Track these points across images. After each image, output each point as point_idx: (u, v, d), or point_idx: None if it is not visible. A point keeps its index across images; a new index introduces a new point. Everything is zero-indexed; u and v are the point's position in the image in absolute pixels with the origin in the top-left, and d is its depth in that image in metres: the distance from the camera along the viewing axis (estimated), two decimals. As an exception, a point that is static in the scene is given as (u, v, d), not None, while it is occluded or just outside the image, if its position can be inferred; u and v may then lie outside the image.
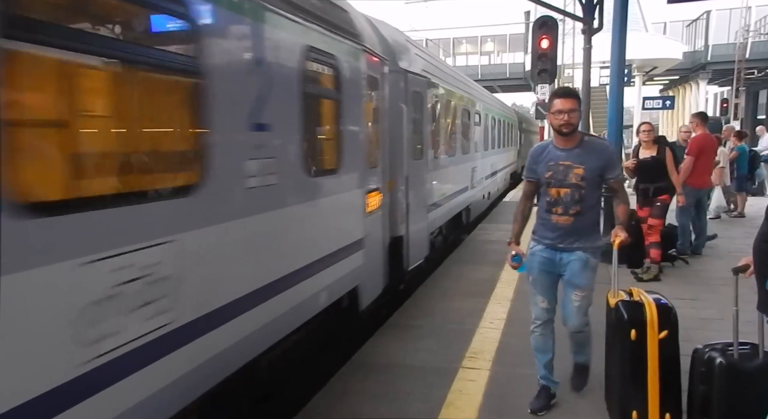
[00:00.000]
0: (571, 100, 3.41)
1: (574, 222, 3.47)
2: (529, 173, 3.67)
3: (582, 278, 3.51)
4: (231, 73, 2.97)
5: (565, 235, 3.50)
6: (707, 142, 8.03)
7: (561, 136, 3.46)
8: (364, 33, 5.12)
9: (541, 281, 3.62)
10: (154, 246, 2.39)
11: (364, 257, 4.93)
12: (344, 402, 3.82)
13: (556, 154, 3.51)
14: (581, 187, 3.43)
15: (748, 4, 31.45)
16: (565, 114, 3.38)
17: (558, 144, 3.53)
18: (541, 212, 3.62)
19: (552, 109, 3.45)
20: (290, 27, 3.58)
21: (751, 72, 30.80)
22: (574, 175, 3.43)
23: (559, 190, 3.48)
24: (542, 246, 3.59)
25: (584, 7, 8.96)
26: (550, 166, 3.49)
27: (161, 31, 2.72)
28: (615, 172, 3.55)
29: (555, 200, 3.49)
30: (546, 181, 3.51)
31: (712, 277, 6.76)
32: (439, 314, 5.60)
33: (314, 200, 3.99)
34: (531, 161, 3.65)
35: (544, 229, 3.59)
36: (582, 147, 3.48)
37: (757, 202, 13.19)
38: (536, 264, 3.61)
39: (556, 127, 3.44)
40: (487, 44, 41.83)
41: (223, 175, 2.88)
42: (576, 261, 3.50)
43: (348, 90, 4.54)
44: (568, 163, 3.45)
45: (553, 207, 3.51)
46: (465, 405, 3.73)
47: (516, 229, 3.73)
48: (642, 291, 3.43)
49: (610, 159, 3.53)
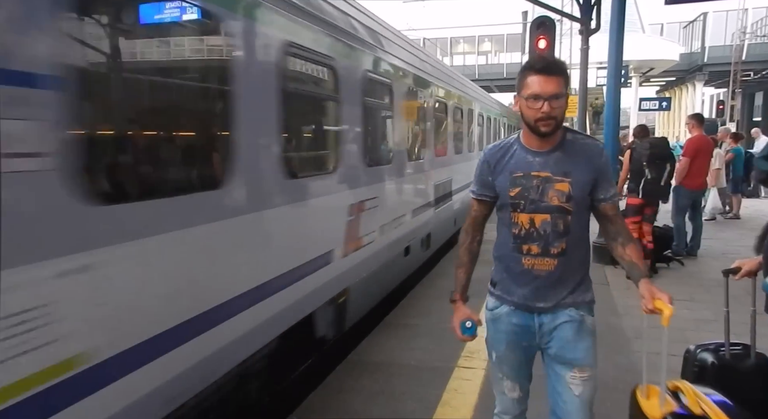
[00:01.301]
0: (555, 78, 2.10)
1: (558, 267, 2.24)
2: (481, 188, 2.37)
3: (579, 350, 2.28)
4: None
5: (545, 288, 2.26)
6: (703, 143, 8.06)
7: (536, 135, 2.20)
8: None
9: (509, 360, 2.39)
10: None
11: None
12: (339, 401, 3.83)
13: (526, 159, 2.24)
14: (567, 212, 2.21)
15: (745, 6, 31.56)
16: (545, 102, 2.09)
17: (529, 144, 2.25)
18: (503, 251, 2.34)
19: (524, 90, 2.14)
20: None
21: (747, 74, 30.90)
22: (555, 193, 2.20)
23: (533, 217, 2.22)
24: (509, 308, 2.33)
25: (582, 7, 8.99)
26: (518, 179, 2.23)
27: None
28: (609, 189, 2.28)
29: (527, 233, 2.24)
30: (512, 203, 2.24)
31: (707, 278, 6.78)
32: (435, 313, 5.61)
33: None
34: (484, 169, 2.34)
35: (509, 280, 2.33)
36: (564, 148, 2.23)
37: (752, 203, 13.26)
38: (501, 334, 2.37)
39: (531, 121, 2.15)
40: (484, 44, 41.90)
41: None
42: (566, 325, 2.28)
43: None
44: (546, 173, 2.20)
45: (523, 244, 2.25)
46: (460, 405, 3.74)
47: (461, 277, 2.45)
48: (694, 389, 2.48)
49: (604, 168, 2.28)
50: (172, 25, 2.84)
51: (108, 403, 2.24)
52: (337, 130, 4.61)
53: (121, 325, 2.31)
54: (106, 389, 2.23)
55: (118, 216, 2.28)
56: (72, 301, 2.08)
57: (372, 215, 5.15)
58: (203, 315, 2.78)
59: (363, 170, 5.00)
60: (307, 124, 4.55)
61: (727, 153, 11.89)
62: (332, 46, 4.33)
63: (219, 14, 2.93)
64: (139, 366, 2.38)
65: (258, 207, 3.32)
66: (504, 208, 2.30)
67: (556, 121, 2.14)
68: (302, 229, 3.90)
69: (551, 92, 2.09)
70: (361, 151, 4.97)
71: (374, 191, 5.25)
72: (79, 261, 2.10)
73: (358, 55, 4.92)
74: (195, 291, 2.75)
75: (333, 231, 4.41)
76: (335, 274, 4.38)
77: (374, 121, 5.81)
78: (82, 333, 2.13)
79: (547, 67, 2.13)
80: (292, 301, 3.70)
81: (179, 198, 2.66)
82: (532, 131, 2.20)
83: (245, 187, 3.19)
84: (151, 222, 2.44)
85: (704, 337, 3.46)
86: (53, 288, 2.01)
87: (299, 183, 3.92)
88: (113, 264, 2.25)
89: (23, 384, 1.89)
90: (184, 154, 3.00)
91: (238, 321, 3.08)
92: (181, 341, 2.61)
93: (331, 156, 4.57)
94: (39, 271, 1.96)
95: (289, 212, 3.70)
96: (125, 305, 2.34)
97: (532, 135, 2.22)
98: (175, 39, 2.97)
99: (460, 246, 2.48)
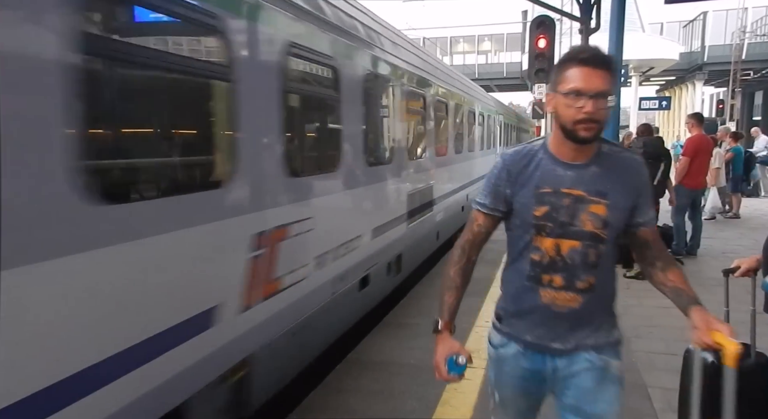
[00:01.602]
0: (602, 73, 1.74)
1: (583, 304, 1.88)
2: (493, 200, 1.95)
3: (601, 402, 1.94)
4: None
5: (565, 328, 1.91)
6: (703, 142, 8.07)
7: (573, 142, 1.81)
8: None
9: (516, 405, 2.08)
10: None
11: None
12: (339, 400, 3.83)
13: (555, 172, 1.86)
14: (600, 240, 1.85)
15: (745, 5, 31.57)
16: (589, 100, 1.71)
17: (560, 153, 1.86)
18: (517, 280, 1.97)
19: (563, 85, 1.76)
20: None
21: (747, 73, 30.92)
22: (589, 217, 1.83)
23: (559, 243, 1.86)
24: (518, 348, 1.98)
25: (581, 6, 8.99)
26: (545, 197, 1.85)
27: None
28: (648, 211, 1.94)
29: (551, 261, 1.88)
30: (536, 224, 1.87)
31: (707, 278, 6.78)
32: (435, 313, 5.60)
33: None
34: (502, 179, 1.93)
35: (521, 316, 1.97)
36: (600, 163, 1.86)
37: (751, 203, 13.27)
38: (507, 378, 2.03)
39: (569, 123, 1.76)
40: (484, 43, 41.90)
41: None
42: (587, 373, 1.92)
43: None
44: (579, 192, 1.83)
45: (544, 273, 1.89)
46: (460, 404, 3.74)
47: (450, 302, 2.04)
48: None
49: (645, 188, 1.94)
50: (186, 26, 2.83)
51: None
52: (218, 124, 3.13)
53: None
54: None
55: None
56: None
57: (301, 243, 3.73)
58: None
59: (282, 182, 3.52)
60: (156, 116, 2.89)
61: (727, 152, 11.90)
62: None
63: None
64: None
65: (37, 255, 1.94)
66: (522, 229, 1.91)
67: (599, 126, 1.75)
68: (147, 282, 2.44)
69: (597, 88, 1.72)
70: (278, 154, 3.45)
71: (305, 210, 3.80)
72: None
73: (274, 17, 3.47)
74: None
75: (218, 278, 2.94)
76: (223, 342, 2.96)
77: (304, 113, 4.34)
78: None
79: (594, 57, 1.74)
80: (126, 401, 2.32)
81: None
82: (567, 136, 1.80)
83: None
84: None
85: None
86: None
87: (124, 212, 2.34)
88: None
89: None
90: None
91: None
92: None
93: (217, 162, 3.10)
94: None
95: (111, 257, 2.23)
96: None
97: (567, 142, 1.82)
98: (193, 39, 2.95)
99: (452, 266, 2.04)
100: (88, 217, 2.14)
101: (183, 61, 2.95)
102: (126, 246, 2.30)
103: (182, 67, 2.90)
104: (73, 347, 2.08)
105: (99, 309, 2.19)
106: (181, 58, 2.96)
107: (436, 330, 2.04)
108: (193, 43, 3.05)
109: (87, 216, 2.13)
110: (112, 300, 2.24)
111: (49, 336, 2.00)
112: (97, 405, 2.17)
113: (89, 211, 2.14)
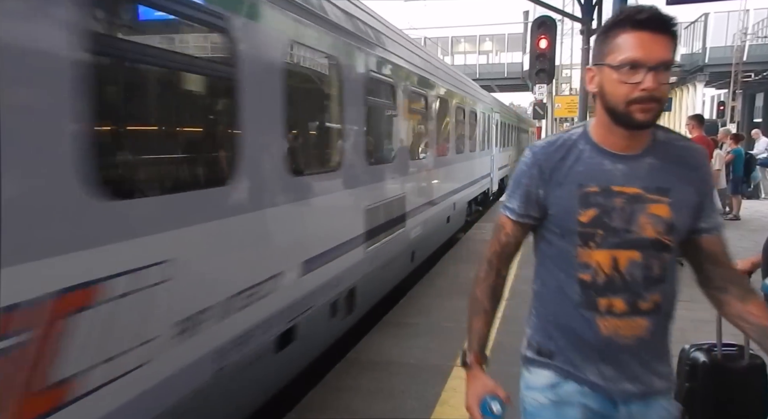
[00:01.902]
0: (664, 38, 1.40)
1: (650, 331, 1.51)
2: (524, 205, 1.59)
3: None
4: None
5: (638, 364, 1.54)
6: (703, 144, 8.02)
7: (625, 128, 1.47)
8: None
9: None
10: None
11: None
12: (339, 399, 3.84)
13: (603, 166, 1.51)
14: (665, 248, 1.50)
15: (747, 6, 31.59)
16: (649, 72, 1.37)
17: (606, 142, 1.52)
18: (562, 307, 1.57)
19: (612, 55, 1.42)
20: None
21: (748, 75, 30.91)
22: (650, 220, 1.48)
23: (616, 256, 1.49)
24: (579, 386, 1.56)
25: (583, 7, 9.00)
26: (592, 197, 1.50)
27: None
28: (713, 215, 1.57)
29: (608, 281, 1.50)
30: (581, 232, 1.51)
31: (706, 279, 6.79)
32: (434, 312, 5.62)
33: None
34: (533, 177, 1.56)
35: (575, 351, 1.56)
36: (657, 153, 1.52)
37: (752, 204, 13.27)
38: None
39: (621, 103, 1.42)
40: (485, 43, 41.89)
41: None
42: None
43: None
44: (635, 189, 1.49)
45: (601, 297, 1.50)
46: (459, 404, 3.75)
47: (479, 329, 1.69)
48: None
49: (709, 184, 1.60)
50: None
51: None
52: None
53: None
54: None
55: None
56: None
57: (140, 308, 2.36)
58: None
59: (86, 212, 2.12)
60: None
61: (728, 154, 11.90)
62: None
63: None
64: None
65: None
66: (562, 239, 1.53)
67: (659, 106, 1.41)
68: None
69: (659, 58, 1.36)
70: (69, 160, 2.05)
71: (152, 253, 2.42)
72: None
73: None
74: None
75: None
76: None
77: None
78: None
79: (655, 19, 1.38)
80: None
81: None
82: (618, 121, 1.45)
83: None
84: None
85: (704, 338, 3.47)
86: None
87: None
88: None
89: None
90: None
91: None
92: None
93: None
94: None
95: None
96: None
97: (616, 128, 1.47)
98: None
99: (478, 285, 1.68)
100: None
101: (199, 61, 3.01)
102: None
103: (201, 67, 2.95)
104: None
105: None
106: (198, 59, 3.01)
107: (465, 364, 1.72)
108: (207, 41, 3.07)
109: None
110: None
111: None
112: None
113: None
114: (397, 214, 5.91)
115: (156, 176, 2.80)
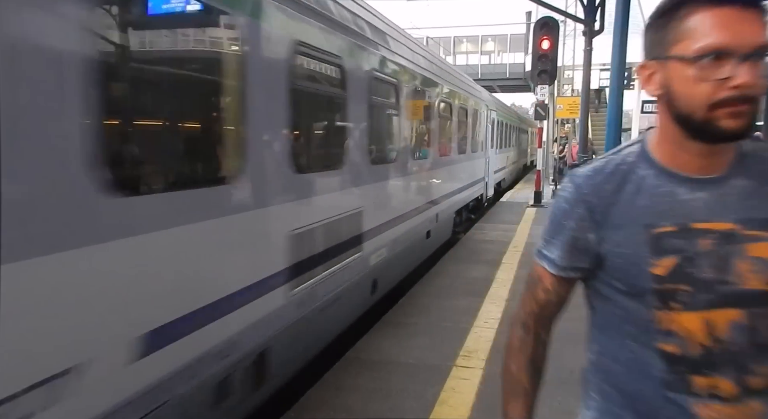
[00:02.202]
0: (756, 16, 1.00)
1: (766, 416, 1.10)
2: (568, 254, 1.20)
3: None
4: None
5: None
6: None
7: (704, 142, 1.08)
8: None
9: None
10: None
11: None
12: (337, 398, 3.83)
13: (675, 195, 1.11)
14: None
15: (749, 9, 31.53)
16: (741, 64, 0.98)
17: (676, 164, 1.13)
18: (641, 387, 1.15)
19: (683, 44, 1.03)
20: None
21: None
22: (752, 266, 1.07)
23: (710, 319, 1.08)
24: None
25: (586, 9, 8.99)
26: (668, 240, 1.09)
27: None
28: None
29: (705, 353, 1.09)
30: (660, 290, 1.10)
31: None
32: (433, 312, 5.61)
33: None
34: (582, 218, 1.17)
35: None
36: (746, 171, 1.12)
37: None
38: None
39: (703, 107, 1.02)
40: (487, 44, 41.86)
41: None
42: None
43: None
44: (727, 224, 1.09)
45: (695, 374, 1.09)
46: (458, 404, 3.74)
47: (519, 415, 1.34)
48: None
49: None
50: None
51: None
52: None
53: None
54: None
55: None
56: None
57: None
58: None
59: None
60: None
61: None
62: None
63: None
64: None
65: None
66: (629, 299, 1.14)
67: (754, 108, 1.02)
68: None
69: (753, 43, 1.00)
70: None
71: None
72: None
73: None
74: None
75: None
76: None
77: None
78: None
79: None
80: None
81: None
82: (695, 133, 1.07)
83: None
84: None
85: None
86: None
87: None
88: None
89: None
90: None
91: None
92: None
93: None
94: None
95: None
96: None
97: (690, 143, 1.09)
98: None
99: (513, 357, 1.33)
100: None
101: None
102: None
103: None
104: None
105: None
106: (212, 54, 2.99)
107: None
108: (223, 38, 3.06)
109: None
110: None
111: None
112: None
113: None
114: (348, 236, 4.56)
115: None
